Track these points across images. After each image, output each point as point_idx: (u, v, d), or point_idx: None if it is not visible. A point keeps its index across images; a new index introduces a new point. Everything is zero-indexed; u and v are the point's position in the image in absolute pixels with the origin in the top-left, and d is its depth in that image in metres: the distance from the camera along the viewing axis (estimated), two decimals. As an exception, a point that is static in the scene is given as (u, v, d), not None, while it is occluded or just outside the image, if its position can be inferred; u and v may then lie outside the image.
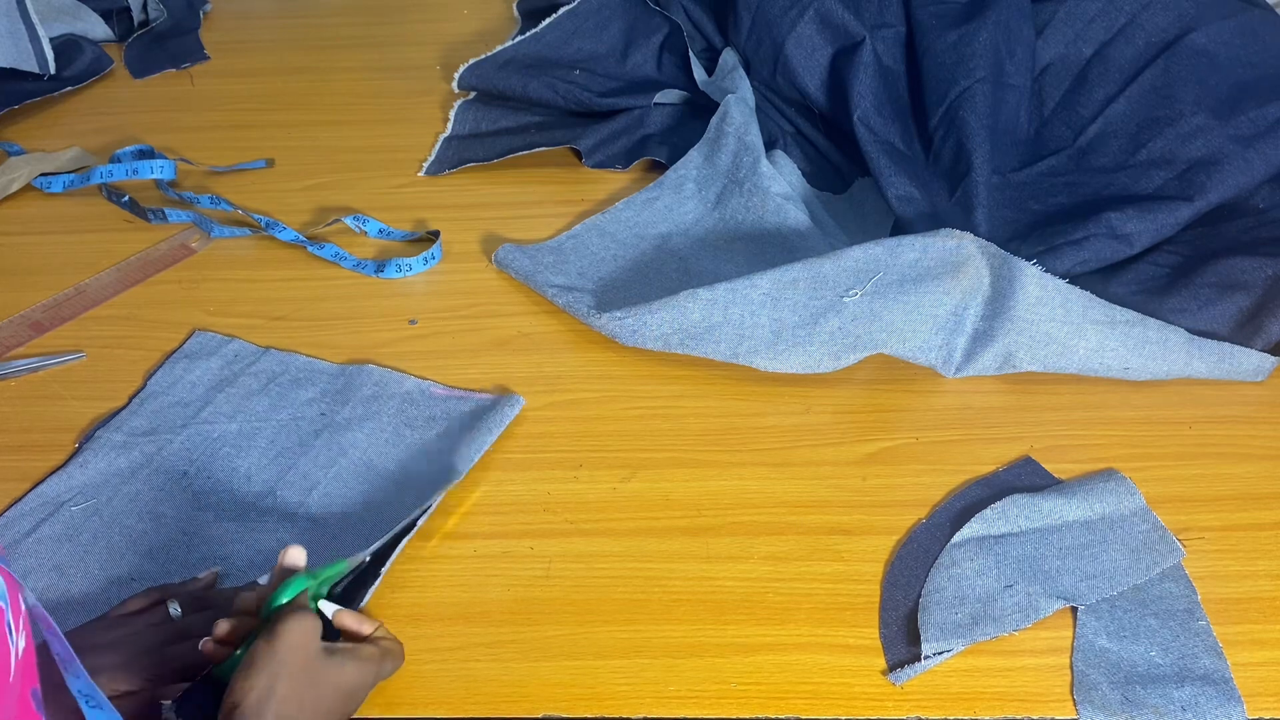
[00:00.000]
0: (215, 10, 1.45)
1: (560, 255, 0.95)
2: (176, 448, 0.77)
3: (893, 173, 0.93)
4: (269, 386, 0.82)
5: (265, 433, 0.78)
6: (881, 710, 0.60)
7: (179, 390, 0.82)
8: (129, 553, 0.70)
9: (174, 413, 0.80)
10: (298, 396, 0.81)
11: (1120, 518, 0.70)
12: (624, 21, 1.20)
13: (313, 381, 0.83)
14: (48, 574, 0.68)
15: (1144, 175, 0.92)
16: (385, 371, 0.83)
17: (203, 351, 0.86)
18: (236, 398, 0.81)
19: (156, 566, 0.69)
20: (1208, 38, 0.96)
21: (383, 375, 0.83)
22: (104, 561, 0.69)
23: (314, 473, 0.75)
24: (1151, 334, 0.80)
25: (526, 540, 0.71)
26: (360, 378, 0.83)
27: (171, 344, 0.87)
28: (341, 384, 0.82)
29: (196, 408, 0.80)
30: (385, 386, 0.82)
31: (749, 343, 0.80)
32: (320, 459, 0.76)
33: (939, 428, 0.78)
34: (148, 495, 0.73)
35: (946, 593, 0.65)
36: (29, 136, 1.17)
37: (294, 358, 0.85)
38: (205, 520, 0.72)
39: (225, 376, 0.83)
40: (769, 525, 0.71)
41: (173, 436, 0.78)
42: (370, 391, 0.82)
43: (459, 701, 0.62)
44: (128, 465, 0.76)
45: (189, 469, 0.76)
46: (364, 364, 0.84)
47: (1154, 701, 0.60)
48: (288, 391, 0.82)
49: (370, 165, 1.11)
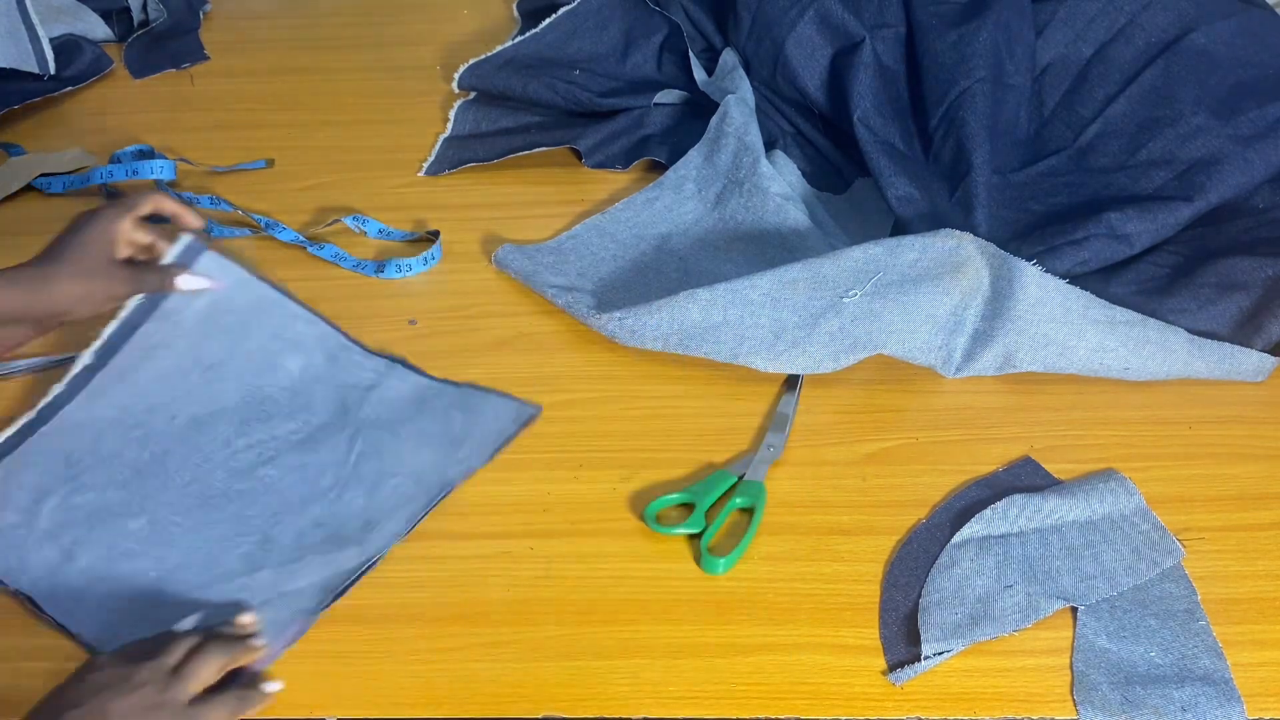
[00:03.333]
0: (215, 10, 1.45)
1: (560, 255, 0.95)
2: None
3: (893, 173, 0.93)
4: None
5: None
6: (881, 710, 0.60)
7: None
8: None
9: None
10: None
11: (1120, 518, 0.70)
12: (624, 21, 1.20)
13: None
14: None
15: (1144, 175, 0.92)
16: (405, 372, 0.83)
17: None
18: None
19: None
20: (1208, 38, 0.96)
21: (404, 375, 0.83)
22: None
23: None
24: (1152, 334, 0.80)
25: (526, 540, 0.71)
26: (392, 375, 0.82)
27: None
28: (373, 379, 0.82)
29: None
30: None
31: (749, 343, 0.80)
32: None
33: (939, 428, 0.78)
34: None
35: (946, 593, 0.65)
36: (29, 136, 1.16)
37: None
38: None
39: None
40: (769, 525, 0.71)
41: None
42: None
43: (459, 701, 0.62)
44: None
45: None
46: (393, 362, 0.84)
47: (1154, 702, 0.60)
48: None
49: (370, 165, 1.11)
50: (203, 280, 0.78)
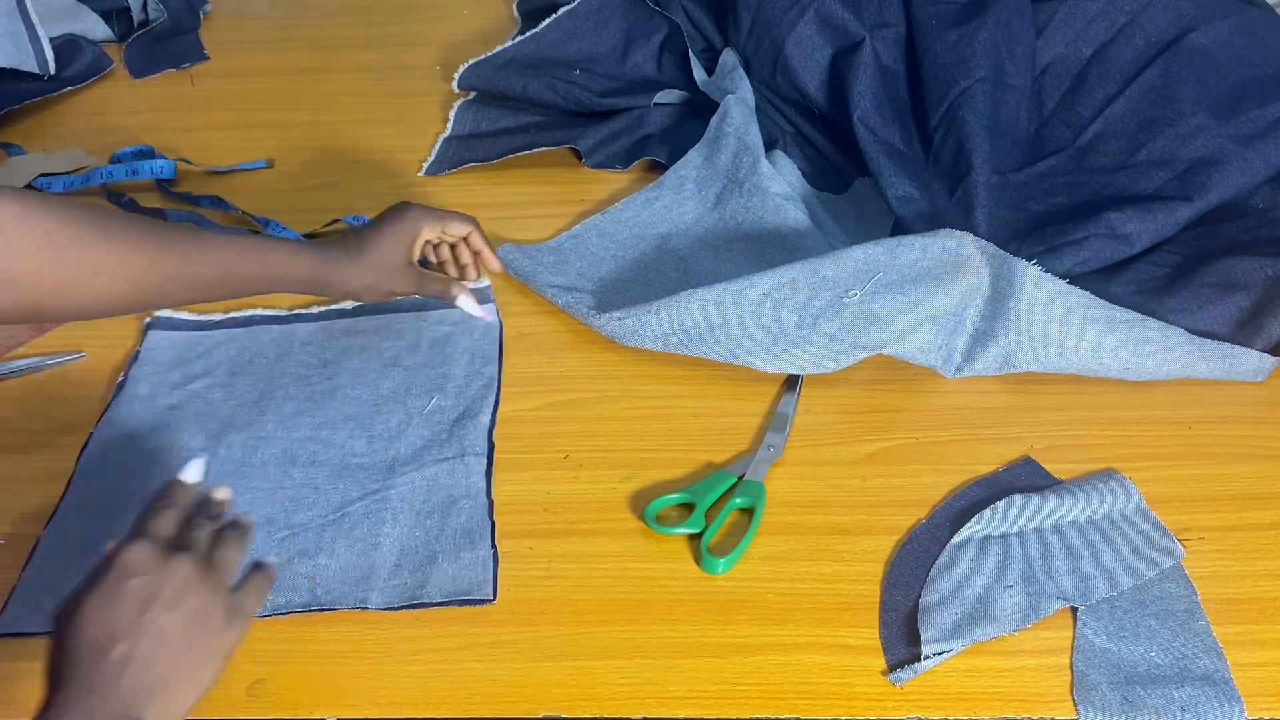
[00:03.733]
0: (215, 10, 1.45)
1: (560, 255, 0.95)
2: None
3: (893, 173, 0.93)
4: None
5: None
6: (881, 710, 0.60)
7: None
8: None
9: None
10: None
11: (1120, 518, 0.70)
12: (624, 21, 1.20)
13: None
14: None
15: (1144, 175, 0.92)
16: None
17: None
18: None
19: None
20: (1208, 38, 0.96)
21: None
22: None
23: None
24: (1152, 334, 0.80)
25: (526, 540, 0.71)
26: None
27: (171, 344, 0.87)
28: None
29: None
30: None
31: (749, 343, 0.80)
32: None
33: (939, 428, 0.78)
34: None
35: (946, 593, 0.65)
36: (29, 136, 1.16)
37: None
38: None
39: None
40: (769, 525, 0.71)
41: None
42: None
43: (459, 701, 0.62)
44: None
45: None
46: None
47: (1154, 702, 0.60)
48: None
49: (370, 165, 1.11)
50: (478, 308, 0.83)
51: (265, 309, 0.89)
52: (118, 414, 0.80)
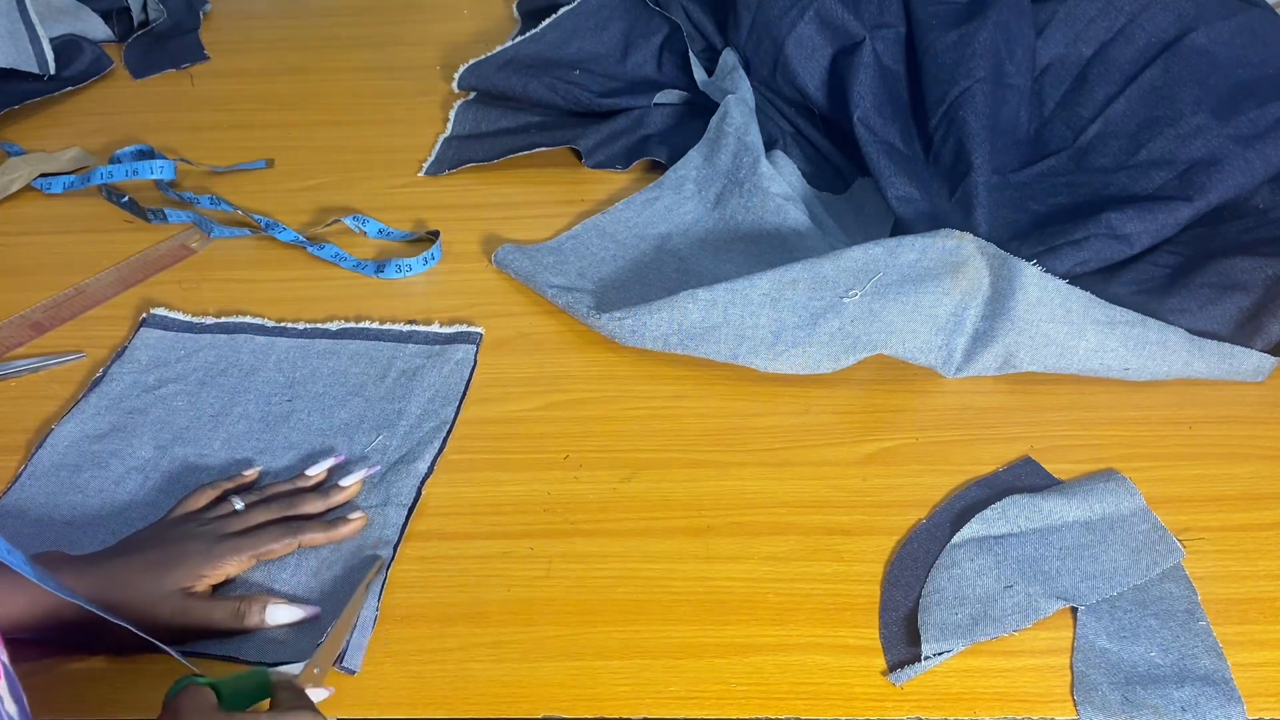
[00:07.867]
0: (215, 10, 1.45)
1: (560, 255, 0.95)
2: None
3: (893, 173, 0.93)
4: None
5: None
6: (881, 710, 0.60)
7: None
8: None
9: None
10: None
11: (1120, 518, 0.70)
12: (624, 22, 1.20)
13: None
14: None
15: (1144, 175, 0.92)
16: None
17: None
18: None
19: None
20: (1208, 38, 0.96)
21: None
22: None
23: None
24: (1151, 334, 0.80)
25: (526, 540, 0.71)
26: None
27: (171, 344, 0.87)
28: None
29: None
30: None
31: (748, 343, 0.80)
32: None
33: (939, 428, 0.78)
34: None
35: (946, 593, 0.65)
36: (29, 136, 1.17)
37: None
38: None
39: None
40: (769, 525, 0.71)
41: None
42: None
43: (459, 702, 0.62)
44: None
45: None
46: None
47: (1154, 702, 0.60)
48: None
49: (370, 165, 1.11)
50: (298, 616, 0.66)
51: (254, 317, 0.89)
52: (85, 409, 0.80)
